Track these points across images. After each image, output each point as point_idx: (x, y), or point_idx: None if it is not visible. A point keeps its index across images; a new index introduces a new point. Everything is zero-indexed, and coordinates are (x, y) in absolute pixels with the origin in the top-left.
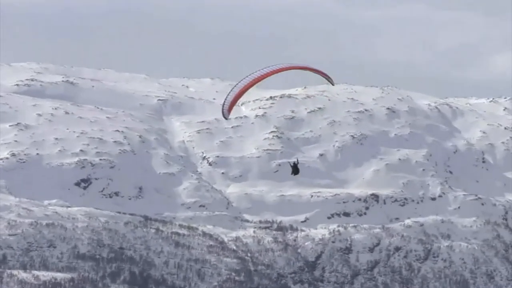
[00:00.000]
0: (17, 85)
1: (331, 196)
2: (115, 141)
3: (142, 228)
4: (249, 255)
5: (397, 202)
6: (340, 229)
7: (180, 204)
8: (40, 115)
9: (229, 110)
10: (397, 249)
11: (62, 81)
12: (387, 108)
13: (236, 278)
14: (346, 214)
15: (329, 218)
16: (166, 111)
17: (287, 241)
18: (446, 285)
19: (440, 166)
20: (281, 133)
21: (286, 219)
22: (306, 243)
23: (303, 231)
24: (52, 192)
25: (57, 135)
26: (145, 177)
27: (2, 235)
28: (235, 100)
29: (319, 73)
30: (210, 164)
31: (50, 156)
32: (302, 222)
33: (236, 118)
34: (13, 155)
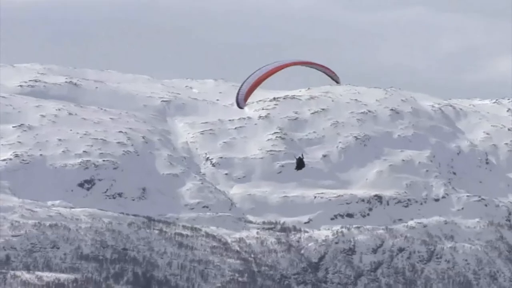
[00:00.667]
0: (20, 86)
1: (335, 197)
2: (118, 142)
3: (146, 229)
4: (252, 256)
5: (400, 203)
6: (344, 230)
7: (183, 205)
8: (43, 116)
9: (245, 99)
10: (401, 250)
11: (66, 82)
12: (391, 109)
13: (240, 279)
14: (350, 215)
15: (332, 219)
16: (169, 112)
17: (291, 242)
18: (450, 286)
19: (443, 167)
20: (284, 134)
21: (289, 220)
22: (310, 244)
23: (306, 232)
24: (56, 193)
25: (61, 136)
26: (148, 178)
27: (6, 236)
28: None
29: (327, 70)
30: (214, 165)
31: (53, 157)
32: (305, 223)
33: (240, 119)
34: (16, 156)
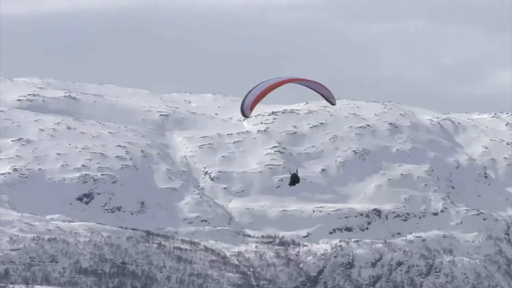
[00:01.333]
0: (19, 100)
1: (333, 211)
2: (117, 156)
3: (144, 243)
4: (251, 270)
5: (399, 217)
6: (342, 244)
7: (182, 219)
8: (42, 130)
9: (251, 108)
10: (399, 264)
11: (64, 96)
12: (389, 124)
13: None
14: (348, 229)
15: (331, 233)
16: (168, 126)
17: (289, 256)
18: None
19: (442, 181)
20: (283, 148)
21: (288, 234)
22: (308, 258)
23: (305, 246)
24: (54, 207)
25: (59, 150)
26: (147, 192)
27: (4, 250)
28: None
29: (325, 91)
30: (212, 179)
31: (52, 171)
32: (304, 237)
33: (238, 133)
34: (15, 170)
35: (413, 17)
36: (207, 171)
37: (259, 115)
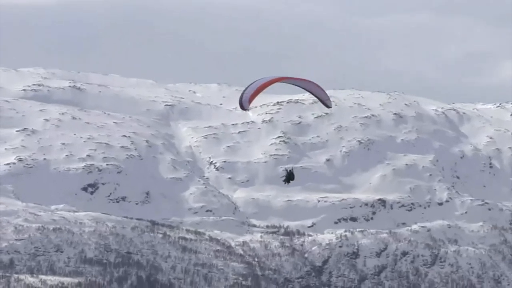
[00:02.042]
0: (24, 90)
1: (338, 201)
2: (122, 146)
3: (149, 233)
4: (256, 259)
5: (404, 207)
6: (347, 234)
7: (187, 209)
8: (47, 120)
9: (249, 101)
10: (404, 254)
11: (69, 86)
12: (394, 114)
13: (243, 282)
14: (353, 219)
15: (336, 223)
16: (173, 116)
17: (294, 246)
18: None
19: (447, 171)
20: (288, 138)
21: (293, 224)
22: (313, 248)
23: (310, 236)
24: (59, 197)
25: (64, 140)
26: (152, 182)
27: (9, 239)
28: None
29: (322, 93)
30: (217, 169)
31: (57, 161)
32: (309, 227)
33: (243, 123)
34: (20, 160)
35: (418, 9)
36: (212, 161)
37: (264, 105)
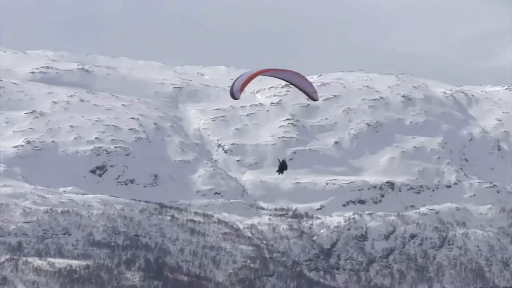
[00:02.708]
0: (32, 72)
1: (346, 183)
2: (130, 129)
3: (158, 215)
4: (264, 242)
5: (412, 189)
6: (356, 216)
7: (195, 192)
8: (55, 102)
9: (240, 90)
10: (413, 236)
11: (77, 68)
12: (403, 96)
13: (252, 265)
14: (362, 202)
15: (344, 205)
16: (181, 98)
17: (303, 228)
18: (462, 272)
19: (455, 154)
20: (296, 121)
21: (301, 207)
22: (322, 231)
23: (318, 218)
24: (68, 179)
25: (72, 122)
26: (160, 164)
27: (18, 222)
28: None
29: (308, 88)
30: (226, 151)
31: (65, 143)
32: (317, 209)
33: (252, 106)
34: (28, 142)
35: None
36: (220, 144)
37: (272, 87)
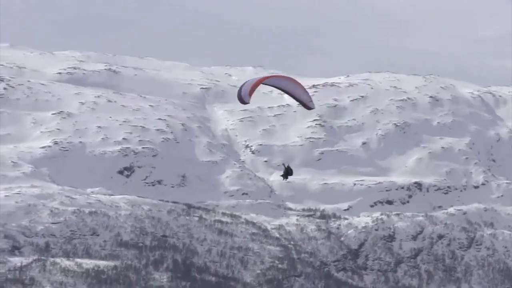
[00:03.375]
0: (59, 73)
1: (374, 184)
2: (157, 129)
3: (185, 216)
4: (292, 243)
5: (440, 190)
6: (383, 217)
7: (223, 192)
8: (82, 103)
9: (249, 94)
10: (440, 237)
11: (105, 69)
12: (430, 97)
13: (279, 266)
14: (389, 202)
15: (372, 206)
16: (208, 99)
17: (330, 229)
18: (490, 273)
19: (483, 155)
20: (324, 122)
21: (329, 207)
22: (349, 231)
23: (346, 219)
24: (95, 180)
25: (100, 123)
26: (188, 165)
27: (45, 223)
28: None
29: (304, 96)
30: (253, 152)
31: (92, 144)
32: (345, 210)
33: (279, 107)
34: (55, 143)
35: None
36: (247, 144)
37: None
